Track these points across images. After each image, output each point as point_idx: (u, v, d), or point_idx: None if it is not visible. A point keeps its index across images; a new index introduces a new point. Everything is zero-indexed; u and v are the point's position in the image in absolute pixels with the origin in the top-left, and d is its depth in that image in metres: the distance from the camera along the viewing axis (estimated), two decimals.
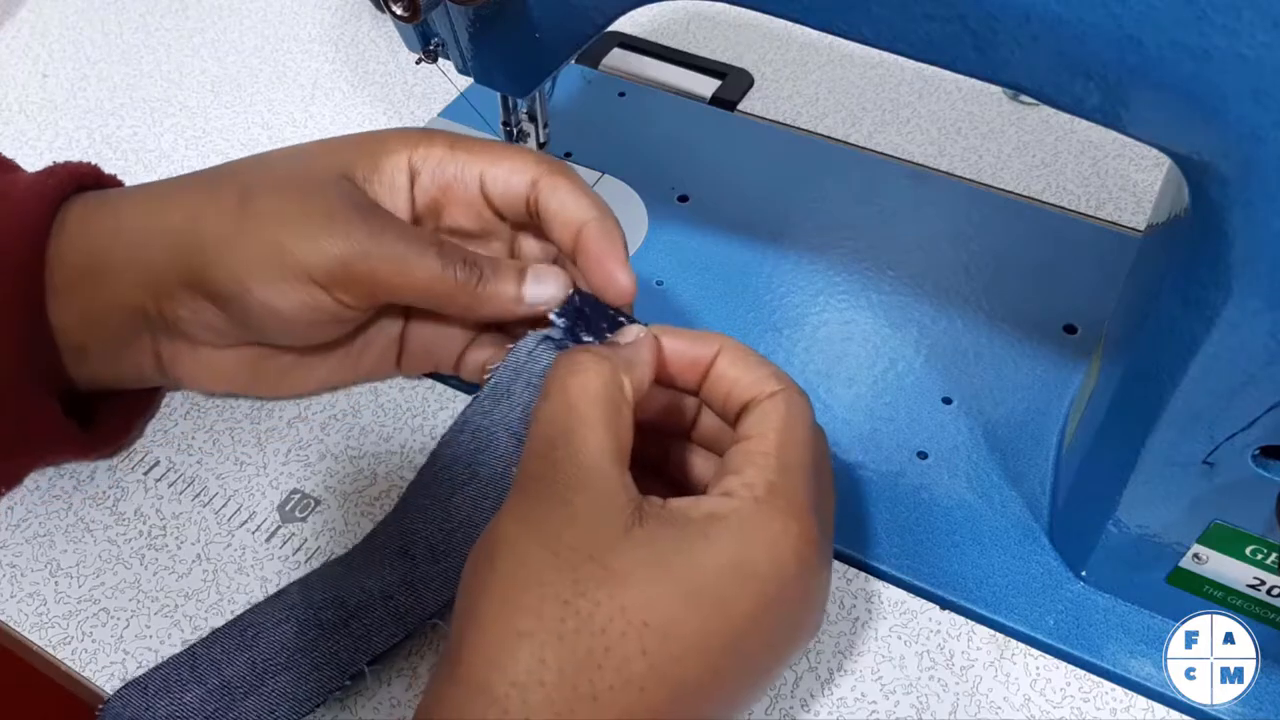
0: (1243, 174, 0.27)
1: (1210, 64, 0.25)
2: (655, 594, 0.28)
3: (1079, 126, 0.59)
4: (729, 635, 0.29)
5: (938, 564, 0.41)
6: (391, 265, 0.37)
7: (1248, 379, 0.30)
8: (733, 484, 0.31)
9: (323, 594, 0.38)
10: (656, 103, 0.61)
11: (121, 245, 0.39)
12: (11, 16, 0.69)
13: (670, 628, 0.28)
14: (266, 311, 0.38)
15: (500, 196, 0.40)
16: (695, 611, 0.28)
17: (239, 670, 0.37)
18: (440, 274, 0.37)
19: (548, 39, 0.40)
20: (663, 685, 0.28)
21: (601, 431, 0.31)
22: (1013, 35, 0.28)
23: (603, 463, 0.30)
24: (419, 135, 0.40)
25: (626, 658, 0.27)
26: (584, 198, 0.39)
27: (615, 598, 0.28)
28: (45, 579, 0.41)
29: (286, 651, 0.37)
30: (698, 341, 0.35)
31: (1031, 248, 0.52)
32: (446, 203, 0.41)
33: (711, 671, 0.29)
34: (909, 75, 0.63)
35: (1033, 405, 0.45)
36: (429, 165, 0.40)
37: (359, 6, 0.69)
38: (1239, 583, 0.36)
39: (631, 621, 0.28)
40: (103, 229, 0.39)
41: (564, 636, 0.27)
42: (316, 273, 0.37)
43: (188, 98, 0.63)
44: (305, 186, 0.38)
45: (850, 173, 0.56)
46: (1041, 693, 0.38)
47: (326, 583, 0.39)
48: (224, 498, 0.44)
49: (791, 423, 0.33)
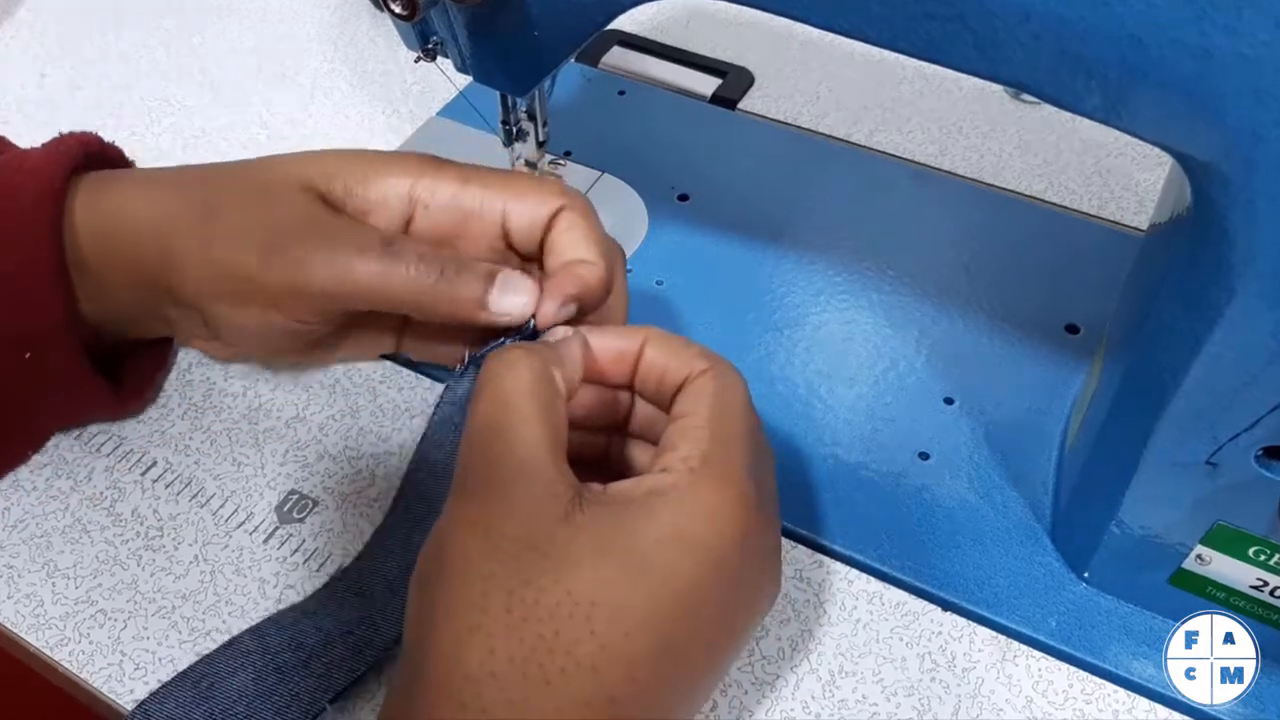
0: (1244, 173, 0.27)
1: (1211, 63, 0.25)
2: (599, 574, 0.28)
3: (1081, 125, 0.59)
4: (677, 606, 0.29)
5: (939, 565, 0.40)
6: (333, 274, 0.36)
7: (1250, 379, 0.30)
8: (670, 460, 0.31)
9: (278, 638, 0.38)
10: (656, 101, 0.61)
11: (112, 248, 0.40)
12: (10, 16, 0.69)
13: (617, 605, 0.28)
14: (229, 325, 0.39)
15: (521, 231, 0.39)
16: (640, 586, 0.29)
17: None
18: (386, 274, 0.36)
19: (547, 37, 0.39)
20: (616, 663, 0.28)
21: (536, 424, 0.31)
22: (1014, 34, 0.28)
23: (539, 453, 0.30)
24: (424, 164, 0.39)
25: (576, 640, 0.28)
26: (594, 244, 0.38)
27: (560, 582, 0.28)
28: (42, 580, 0.41)
29: (245, 699, 0.37)
30: (624, 335, 0.36)
31: (1033, 247, 0.52)
32: (459, 235, 0.39)
33: (664, 644, 0.29)
34: (910, 74, 0.62)
35: (1035, 405, 0.45)
36: (440, 199, 0.38)
37: (358, 5, 0.69)
38: (1241, 584, 0.36)
39: (578, 603, 0.28)
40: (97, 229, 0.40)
41: (511, 626, 0.28)
42: (260, 297, 0.37)
43: (186, 97, 0.63)
44: (264, 199, 0.38)
45: (851, 172, 0.56)
46: (1044, 694, 0.38)
47: (280, 628, 0.38)
48: (221, 498, 0.43)
49: (723, 396, 0.33)
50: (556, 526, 0.29)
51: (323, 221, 0.37)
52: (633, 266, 0.51)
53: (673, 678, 0.29)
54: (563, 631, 0.28)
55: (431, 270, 0.36)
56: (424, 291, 0.36)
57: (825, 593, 0.41)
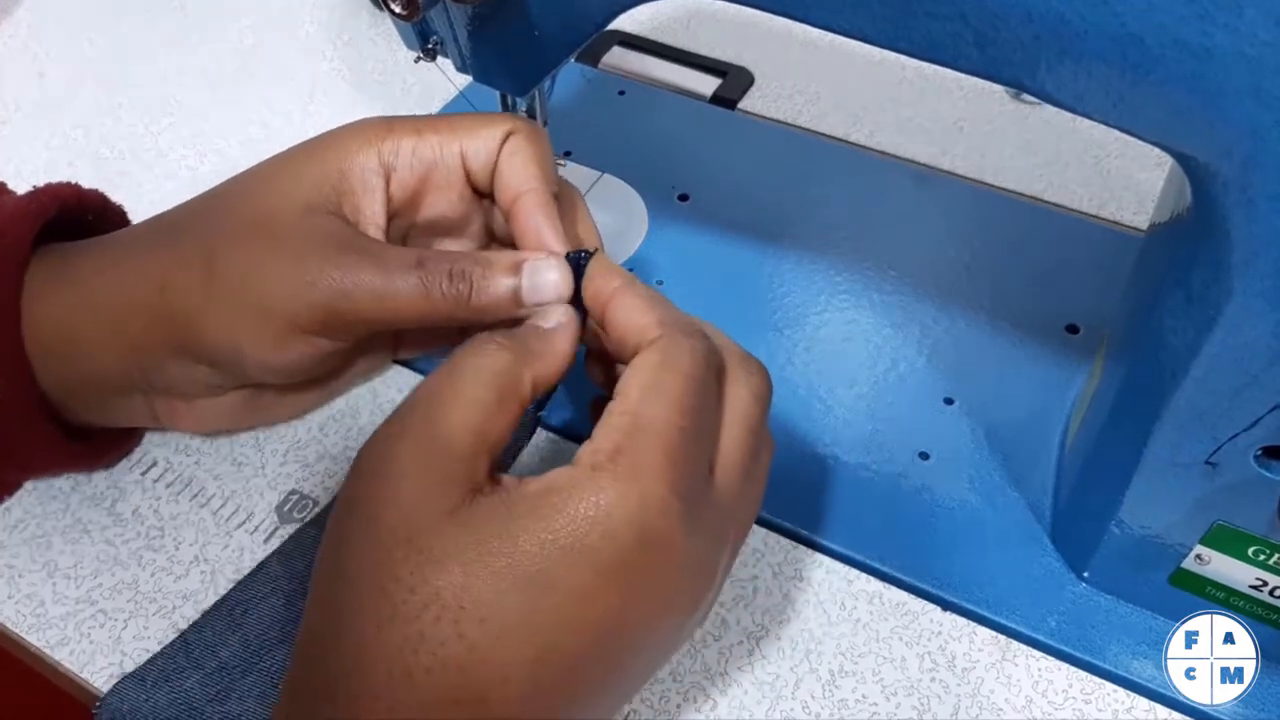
0: (1244, 173, 0.27)
1: (1212, 62, 0.25)
2: (472, 576, 0.27)
3: (1081, 126, 0.59)
4: (559, 612, 0.27)
5: (939, 565, 0.40)
6: (373, 300, 0.35)
7: (1250, 379, 0.30)
8: (582, 451, 0.29)
9: (303, 562, 0.38)
10: (656, 101, 0.61)
11: (92, 322, 0.37)
12: (9, 15, 0.69)
13: (489, 608, 0.27)
14: (261, 366, 0.37)
15: (482, 168, 0.38)
16: (516, 591, 0.27)
17: (234, 650, 0.37)
18: (426, 295, 0.35)
19: (547, 37, 0.39)
20: (486, 665, 0.27)
21: (471, 410, 0.29)
22: (1014, 33, 0.28)
23: (454, 438, 0.29)
24: (379, 127, 0.38)
25: (443, 641, 0.27)
26: (533, 165, 0.36)
27: (429, 582, 0.27)
28: (43, 580, 0.41)
29: (279, 624, 0.37)
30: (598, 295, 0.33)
31: (1034, 248, 0.52)
32: (425, 190, 0.38)
33: (543, 651, 0.27)
34: (910, 74, 0.62)
35: (1035, 406, 0.45)
36: (403, 156, 0.37)
37: (357, 5, 0.69)
38: (1241, 584, 0.36)
39: (447, 605, 0.27)
40: (70, 303, 0.38)
41: (381, 626, 0.27)
42: (301, 321, 0.35)
43: (186, 97, 0.62)
44: (269, 231, 0.36)
45: (851, 172, 0.56)
46: (1044, 694, 0.38)
47: (304, 550, 0.39)
48: (222, 498, 0.43)
49: (660, 376, 0.30)
50: (441, 521, 0.28)
51: (343, 245, 0.35)
52: (633, 267, 0.51)
53: (555, 684, 0.28)
54: (428, 634, 0.27)
55: (464, 285, 0.35)
56: (459, 303, 0.35)
57: (825, 593, 0.41)
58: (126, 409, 0.41)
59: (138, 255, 0.38)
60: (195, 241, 0.37)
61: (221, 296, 0.35)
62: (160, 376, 0.38)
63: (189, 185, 0.56)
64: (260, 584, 0.39)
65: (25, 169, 0.58)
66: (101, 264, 0.38)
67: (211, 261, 0.36)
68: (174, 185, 0.57)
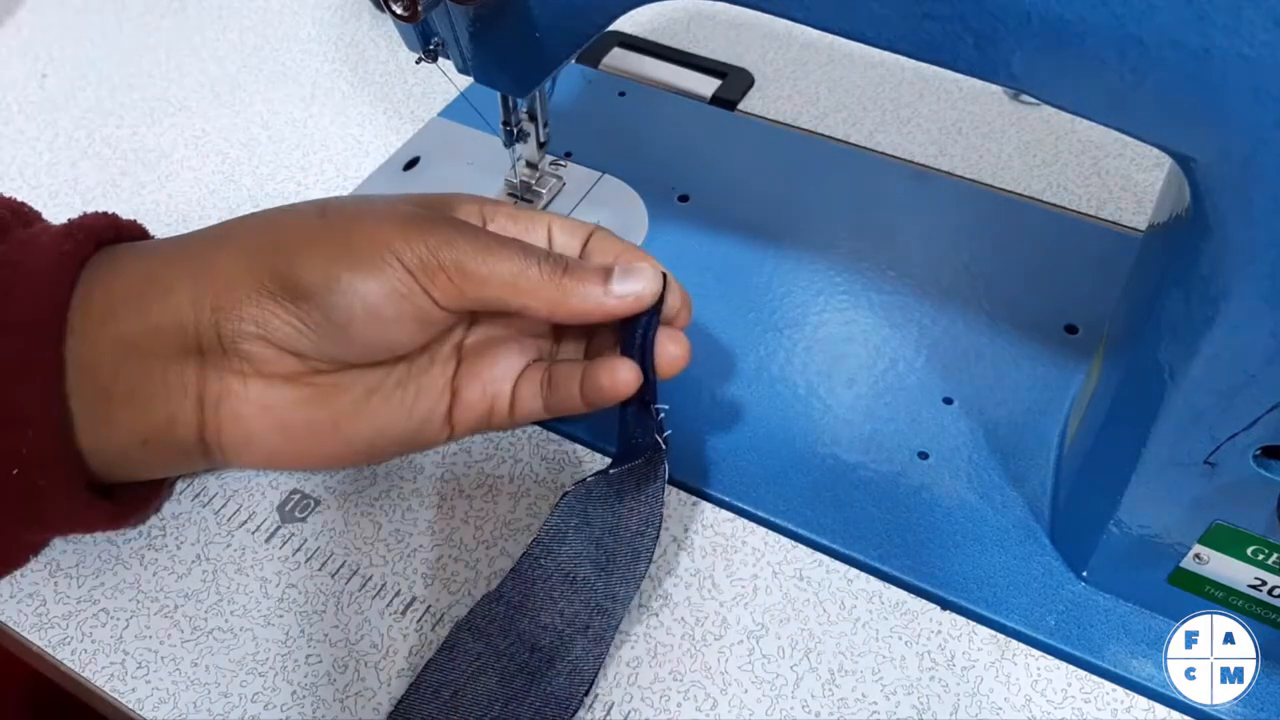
0: (1243, 174, 0.27)
1: (1211, 63, 0.25)
2: None
3: (1080, 126, 0.59)
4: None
5: (939, 564, 0.41)
6: (478, 254, 0.38)
7: (1248, 379, 0.30)
8: None
9: (505, 640, 0.37)
10: (657, 102, 0.61)
11: (182, 262, 0.39)
12: (11, 16, 0.69)
13: None
14: (354, 302, 0.37)
15: (562, 245, 0.42)
16: None
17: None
18: (525, 265, 0.38)
19: (548, 38, 0.40)
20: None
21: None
22: (1013, 34, 0.28)
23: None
24: (481, 200, 0.42)
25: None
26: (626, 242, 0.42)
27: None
28: (45, 579, 0.41)
29: (499, 702, 0.36)
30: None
31: (1032, 248, 0.52)
32: None
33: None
34: (910, 75, 0.63)
35: (1034, 405, 0.45)
36: (499, 220, 0.42)
37: (358, 6, 0.69)
38: (1240, 583, 0.36)
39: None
40: (158, 252, 0.40)
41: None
42: (406, 257, 0.37)
43: (187, 97, 0.63)
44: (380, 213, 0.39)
45: (851, 173, 0.56)
46: (1043, 693, 0.38)
47: (496, 626, 0.38)
48: (223, 498, 0.44)
49: None
50: None
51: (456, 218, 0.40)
52: None
53: None
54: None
55: (559, 266, 0.38)
56: (555, 283, 0.38)
57: (825, 592, 0.41)
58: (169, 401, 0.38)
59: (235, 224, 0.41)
60: (304, 207, 0.40)
61: (334, 230, 0.38)
62: (232, 320, 0.37)
63: (191, 186, 0.56)
64: (463, 662, 0.37)
65: (27, 170, 0.58)
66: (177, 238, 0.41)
67: (325, 209, 0.39)
68: (176, 186, 0.57)
